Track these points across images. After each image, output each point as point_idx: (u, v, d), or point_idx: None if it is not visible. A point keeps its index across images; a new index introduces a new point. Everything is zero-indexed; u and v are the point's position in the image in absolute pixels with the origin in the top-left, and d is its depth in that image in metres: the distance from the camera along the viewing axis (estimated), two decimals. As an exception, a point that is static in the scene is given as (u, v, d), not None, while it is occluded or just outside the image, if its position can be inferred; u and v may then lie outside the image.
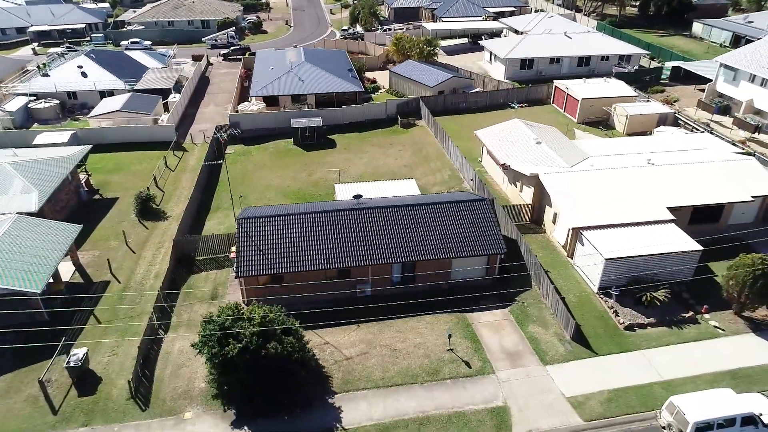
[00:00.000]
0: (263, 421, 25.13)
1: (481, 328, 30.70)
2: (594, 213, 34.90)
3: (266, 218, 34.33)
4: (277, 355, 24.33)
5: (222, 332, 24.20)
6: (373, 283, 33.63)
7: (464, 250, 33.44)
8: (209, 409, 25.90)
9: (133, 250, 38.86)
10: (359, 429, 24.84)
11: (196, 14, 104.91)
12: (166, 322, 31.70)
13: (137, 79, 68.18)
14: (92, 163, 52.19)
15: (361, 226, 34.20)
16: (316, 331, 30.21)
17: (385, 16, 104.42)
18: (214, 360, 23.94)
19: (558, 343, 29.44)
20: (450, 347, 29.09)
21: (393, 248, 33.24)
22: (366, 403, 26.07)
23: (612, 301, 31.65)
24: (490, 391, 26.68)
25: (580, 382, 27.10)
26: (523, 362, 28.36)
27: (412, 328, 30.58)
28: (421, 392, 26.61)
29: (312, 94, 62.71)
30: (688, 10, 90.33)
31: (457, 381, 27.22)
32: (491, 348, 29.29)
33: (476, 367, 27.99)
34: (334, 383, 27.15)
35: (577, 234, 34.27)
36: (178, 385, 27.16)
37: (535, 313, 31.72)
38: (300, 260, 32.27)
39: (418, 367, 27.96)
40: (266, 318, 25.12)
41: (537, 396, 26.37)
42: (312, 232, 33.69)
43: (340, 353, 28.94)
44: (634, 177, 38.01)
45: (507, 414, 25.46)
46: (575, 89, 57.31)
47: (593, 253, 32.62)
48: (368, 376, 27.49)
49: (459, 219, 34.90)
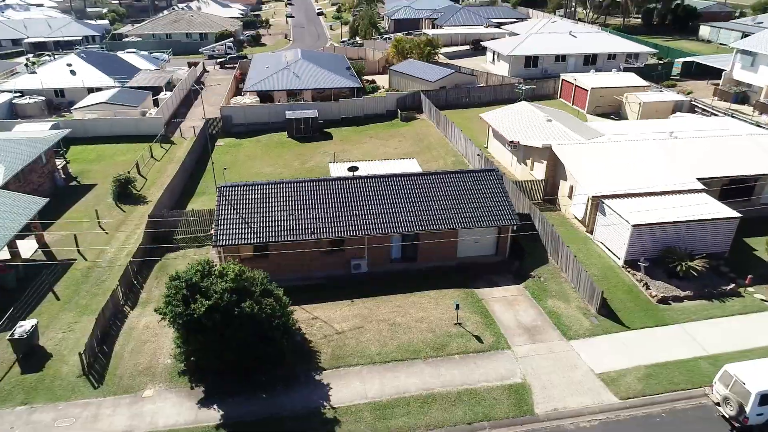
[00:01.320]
0: (236, 400, 21.07)
1: (493, 304, 26.81)
2: (615, 182, 31.38)
3: (250, 186, 30.88)
4: (254, 317, 20.47)
5: (189, 289, 20.40)
6: (369, 259, 29.88)
7: (472, 221, 29.78)
8: (174, 386, 21.87)
9: (106, 231, 35.28)
10: (351, 408, 20.75)
11: (195, 27, 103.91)
12: (133, 299, 27.89)
13: (129, 78, 65.88)
14: (74, 154, 49.31)
15: (356, 194, 30.66)
16: (304, 306, 26.34)
17: (385, 27, 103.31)
18: (177, 321, 20.05)
19: (582, 317, 25.51)
20: (458, 321, 25.17)
21: (392, 218, 29.61)
22: (359, 380, 22.04)
23: (641, 274, 27.80)
24: (506, 367, 22.66)
25: (611, 357, 23.09)
26: (543, 337, 24.40)
27: (413, 303, 26.71)
28: (424, 368, 22.60)
29: (308, 90, 60.08)
30: (692, 18, 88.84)
31: (466, 357, 23.22)
32: (505, 323, 25.36)
33: (489, 342, 24.01)
34: (322, 359, 23.15)
35: (598, 204, 30.65)
36: (139, 362, 23.17)
37: (554, 287, 27.85)
38: (287, 229, 28.62)
39: (420, 341, 24.00)
40: (242, 276, 21.36)
41: (562, 372, 22.33)
42: (301, 200, 30.13)
43: (330, 327, 25.01)
44: (657, 148, 34.64)
45: (527, 392, 21.40)
46: (584, 80, 54.56)
47: (617, 223, 28.96)
48: (362, 351, 23.51)
49: (465, 189, 31.37)
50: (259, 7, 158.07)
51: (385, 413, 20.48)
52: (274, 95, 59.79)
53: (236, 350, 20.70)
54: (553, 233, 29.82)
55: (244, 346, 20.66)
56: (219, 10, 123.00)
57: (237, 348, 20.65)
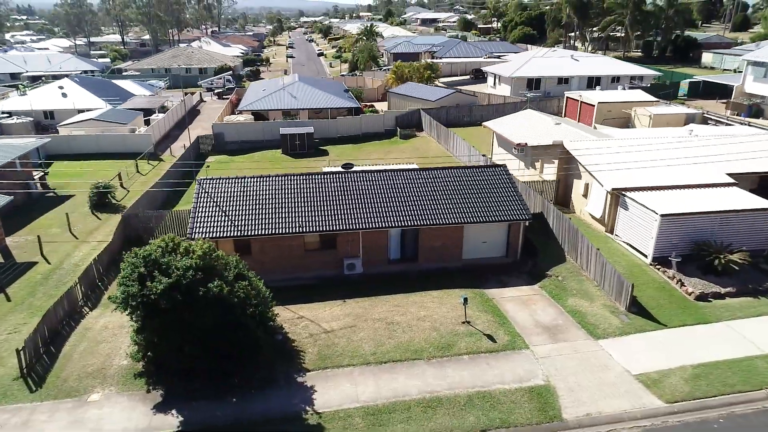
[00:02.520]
0: (201, 405, 17.39)
1: (505, 303, 23.37)
2: (636, 176, 28.51)
3: (233, 179, 28.03)
4: (223, 300, 17.11)
5: (147, 267, 17.12)
6: (365, 259, 26.62)
7: (479, 215, 26.69)
8: (127, 389, 18.21)
9: (77, 236, 32.12)
10: (339, 413, 17.03)
11: (194, 62, 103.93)
12: (95, 300, 24.46)
13: (122, 101, 64.29)
14: (56, 168, 46.73)
15: (350, 188, 27.72)
16: (289, 306, 22.91)
17: (385, 61, 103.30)
18: (130, 304, 16.65)
19: (610, 315, 22.02)
20: (466, 319, 21.67)
21: (389, 213, 26.54)
22: (350, 382, 18.39)
23: (672, 271, 24.46)
24: (524, 368, 19.04)
25: (648, 357, 19.49)
26: (566, 336, 20.86)
27: (414, 302, 23.27)
28: (427, 369, 18.97)
29: (305, 110, 58.21)
30: (692, 49, 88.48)
31: (477, 357, 19.63)
32: (521, 322, 21.86)
33: (503, 342, 20.44)
34: (307, 359, 19.55)
35: (618, 198, 27.63)
36: (90, 363, 19.57)
37: (574, 286, 24.45)
38: (271, 223, 25.52)
39: (422, 340, 20.45)
40: (212, 254, 18.12)
41: (592, 374, 18.70)
42: (289, 194, 27.18)
43: (318, 326, 21.49)
44: (679, 145, 31.99)
45: (552, 395, 17.72)
46: (590, 96, 52.67)
47: (642, 215, 25.86)
48: (354, 351, 19.93)
49: (471, 184, 28.44)
50: (261, 49, 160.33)
51: (380, 419, 16.78)
52: (269, 115, 57.86)
53: (201, 341, 17.20)
54: (570, 228, 26.66)
55: (210, 334, 17.17)
56: (220, 49, 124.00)
57: (202, 338, 17.16)
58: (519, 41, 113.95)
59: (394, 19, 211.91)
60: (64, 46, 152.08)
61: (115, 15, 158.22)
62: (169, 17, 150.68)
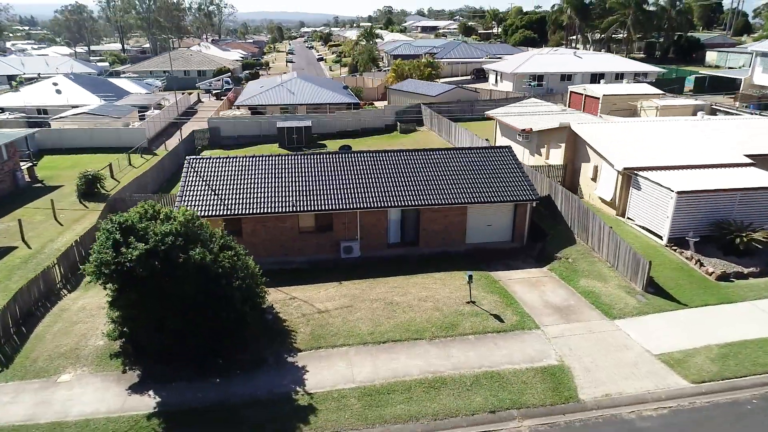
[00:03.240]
0: (180, 386, 15.83)
1: (513, 285, 21.84)
2: (649, 155, 27.15)
3: (224, 158, 26.67)
4: (206, 269, 15.62)
5: (123, 233, 15.63)
6: (363, 242, 25.15)
7: (483, 195, 25.27)
8: (101, 370, 16.66)
9: (61, 223, 30.68)
10: (332, 393, 15.46)
11: (193, 65, 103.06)
12: (75, 282, 22.97)
13: (118, 99, 63.15)
14: (47, 162, 45.41)
15: (347, 167, 26.33)
16: (281, 288, 21.40)
17: (385, 63, 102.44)
18: (103, 273, 15.14)
19: (626, 295, 20.48)
20: (471, 299, 20.14)
21: (388, 192, 25.12)
22: (345, 362, 16.83)
23: (690, 252, 22.94)
24: (535, 348, 17.48)
25: (670, 337, 17.93)
26: (578, 317, 19.31)
27: (415, 284, 21.75)
28: (430, 349, 17.41)
29: (303, 105, 56.99)
30: (696, 49, 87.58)
31: (483, 337, 18.07)
32: (530, 303, 20.32)
33: (511, 322, 18.89)
34: (299, 339, 18.01)
35: (630, 178, 26.17)
36: (63, 343, 18.02)
37: (585, 267, 22.92)
38: (263, 201, 24.09)
39: (424, 320, 18.90)
40: (194, 222, 16.66)
41: (609, 354, 17.13)
42: (283, 173, 25.80)
43: (311, 307, 19.96)
44: (691, 127, 30.63)
45: (567, 375, 16.15)
46: (594, 89, 51.32)
47: (656, 194, 24.40)
48: (350, 330, 18.38)
49: (475, 165, 27.06)
50: (261, 55, 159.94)
51: (378, 400, 15.20)
52: (267, 110, 56.59)
53: (182, 315, 15.67)
54: (580, 208, 25.19)
55: (192, 308, 15.65)
56: (219, 53, 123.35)
57: (183, 312, 15.64)
58: (520, 44, 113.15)
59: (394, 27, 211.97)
60: (65, 53, 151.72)
61: (115, 21, 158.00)
62: (169, 23, 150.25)
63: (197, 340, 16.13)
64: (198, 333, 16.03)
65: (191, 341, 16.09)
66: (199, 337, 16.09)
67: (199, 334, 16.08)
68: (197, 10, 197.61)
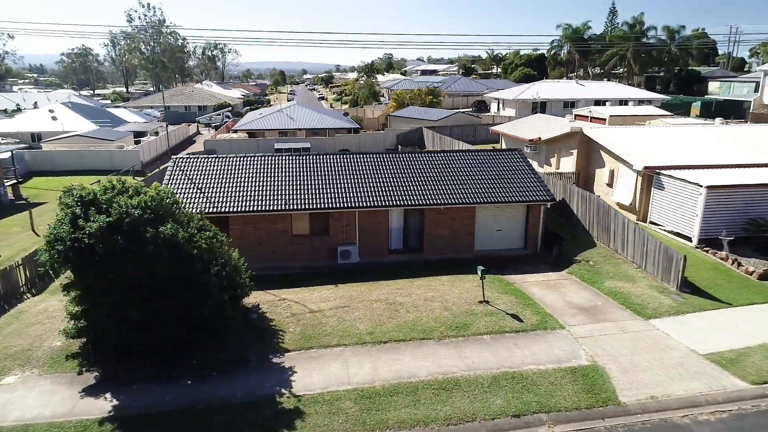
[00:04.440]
0: (145, 388, 13.34)
1: (529, 287, 19.49)
2: (670, 154, 25.33)
3: (213, 157, 24.83)
4: (179, 248, 13.41)
5: (83, 206, 13.53)
6: (362, 249, 22.96)
7: (492, 195, 23.26)
8: (53, 372, 14.18)
9: (38, 234, 28.53)
10: (324, 396, 12.94)
11: (194, 100, 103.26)
12: (41, 287, 20.64)
13: (114, 126, 62.14)
14: (35, 182, 43.73)
15: (345, 168, 24.46)
16: (270, 291, 19.05)
17: (385, 98, 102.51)
18: (57, 251, 12.93)
19: (659, 294, 18.12)
20: (484, 299, 17.77)
21: (389, 191, 23.14)
22: (340, 363, 14.35)
23: (724, 252, 20.69)
24: (562, 348, 15.03)
25: (717, 336, 15.51)
26: (608, 317, 16.90)
27: (420, 286, 19.41)
28: (439, 350, 14.96)
29: (302, 129, 55.72)
30: (696, 82, 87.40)
31: (501, 337, 15.63)
32: (550, 304, 17.95)
33: (531, 321, 16.48)
34: (287, 338, 15.57)
35: (652, 178, 24.21)
36: (14, 344, 15.57)
37: (609, 269, 20.62)
38: (253, 199, 22.08)
39: (432, 320, 16.50)
40: (169, 199, 14.57)
41: (649, 354, 14.67)
42: (276, 172, 23.92)
43: (303, 306, 17.58)
44: (710, 132, 28.94)
45: (602, 376, 13.66)
46: (600, 110, 50.14)
47: (683, 192, 22.37)
48: (347, 330, 15.96)
49: (484, 165, 25.22)
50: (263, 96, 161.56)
51: (378, 402, 12.68)
52: (265, 134, 55.32)
53: (148, 301, 13.34)
54: (600, 207, 23.10)
55: (161, 295, 13.34)
56: (221, 91, 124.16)
57: (149, 297, 13.32)
58: (520, 81, 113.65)
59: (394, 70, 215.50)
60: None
61: (120, 63, 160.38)
62: (172, 65, 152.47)
63: (166, 334, 13.72)
64: (167, 325, 13.65)
65: (159, 335, 13.68)
66: (168, 329, 13.70)
67: (168, 327, 13.69)
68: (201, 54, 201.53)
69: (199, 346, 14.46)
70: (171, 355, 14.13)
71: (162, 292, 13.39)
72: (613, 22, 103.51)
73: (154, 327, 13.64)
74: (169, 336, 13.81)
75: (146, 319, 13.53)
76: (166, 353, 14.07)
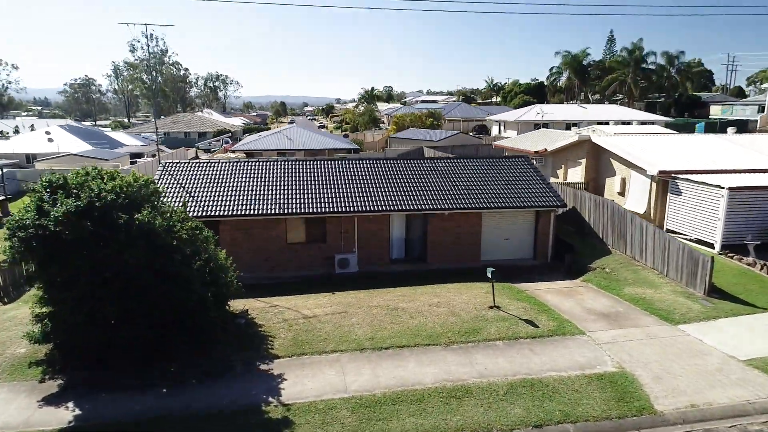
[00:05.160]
0: (116, 397, 11.72)
1: (543, 294, 17.98)
2: (685, 159, 24.15)
3: (204, 162, 23.68)
4: (155, 237, 12.01)
5: (51, 193, 12.20)
6: (361, 258, 21.54)
7: (499, 201, 21.96)
8: (12, 380, 12.56)
9: (21, 246, 27.07)
10: (317, 404, 11.32)
11: (194, 127, 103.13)
12: (15, 295, 19.11)
13: (111, 148, 61.37)
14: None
15: (345, 173, 23.26)
16: (262, 299, 17.53)
17: (385, 123, 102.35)
18: (18, 236, 11.52)
19: (685, 300, 16.60)
20: (494, 304, 16.24)
21: (391, 195, 21.85)
22: (335, 370, 12.76)
23: (750, 258, 19.24)
24: (584, 354, 13.44)
25: (756, 341, 13.96)
26: (632, 323, 15.36)
27: (424, 293, 17.89)
28: (447, 356, 13.38)
29: (301, 150, 54.82)
30: (697, 107, 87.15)
31: (515, 343, 14.06)
32: (567, 310, 16.42)
33: (548, 327, 14.92)
34: (277, 344, 13.98)
35: (667, 184, 22.94)
36: (-27, 352, 14.00)
37: (628, 276, 19.13)
38: (245, 203, 20.77)
39: (438, 325, 14.94)
40: (148, 187, 13.23)
41: (683, 360, 13.08)
42: (270, 177, 22.71)
43: (296, 312, 16.03)
44: (723, 140, 27.88)
45: (632, 383, 12.06)
46: (604, 129, 49.21)
47: (702, 196, 21.06)
48: (343, 336, 14.39)
49: (490, 171, 24.05)
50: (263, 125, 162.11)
51: (379, 412, 11.06)
52: (263, 155, 54.37)
53: (121, 298, 11.85)
54: (614, 212, 21.76)
55: (134, 287, 11.86)
56: (221, 118, 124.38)
57: (122, 292, 11.84)
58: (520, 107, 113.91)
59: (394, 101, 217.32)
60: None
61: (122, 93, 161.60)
62: (174, 94, 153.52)
63: (140, 334, 12.18)
64: (142, 324, 12.12)
65: (133, 335, 12.14)
66: (143, 329, 12.17)
67: (143, 326, 12.16)
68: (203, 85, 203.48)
69: (178, 350, 12.89)
70: (146, 360, 12.55)
71: (136, 287, 11.91)
72: (612, 49, 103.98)
73: (127, 327, 12.11)
74: (144, 337, 12.26)
75: (118, 318, 12.02)
76: (140, 358, 12.49)
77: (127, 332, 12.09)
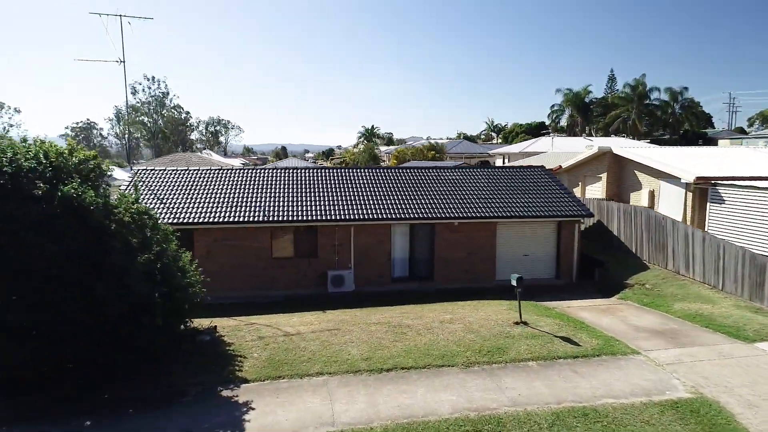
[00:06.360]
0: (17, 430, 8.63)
1: (576, 312, 14.95)
2: (722, 168, 21.57)
3: (183, 170, 21.17)
4: (86, 215, 9.20)
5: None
6: (358, 275, 18.65)
7: (516, 210, 19.24)
8: None
9: None
10: (292, 441, 8.21)
11: (193, 166, 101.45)
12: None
13: (100, 181, 59.24)
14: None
15: (341, 181, 20.67)
16: (238, 317, 14.52)
17: (386, 161, 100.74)
18: None
19: (753, 315, 13.58)
20: (522, 320, 13.20)
21: (392, 203, 19.17)
22: (320, 396, 9.65)
23: (819, 270, 16.29)
24: (645, 377, 10.36)
25: None
26: (696, 341, 12.29)
27: (432, 310, 14.88)
28: (467, 379, 10.29)
29: (298, 181, 52.61)
30: (705, 143, 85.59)
31: (553, 363, 10.98)
32: (609, 327, 13.37)
33: (591, 345, 11.85)
34: (247, 365, 10.89)
35: (707, 191, 20.20)
36: None
37: (674, 291, 16.14)
38: (225, 210, 18.06)
39: (453, 343, 11.88)
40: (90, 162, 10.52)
41: (775, 383, 10.01)
42: (254, 185, 20.13)
43: (275, 330, 12.98)
44: (760, 151, 25.41)
45: (720, 412, 8.97)
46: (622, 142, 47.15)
47: (751, 203, 18.29)
48: (333, 356, 11.31)
49: (504, 180, 21.58)
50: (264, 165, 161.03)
51: (378, 452, 7.93)
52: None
53: (35, 296, 8.92)
54: (650, 220, 18.94)
55: (54, 283, 8.95)
56: (221, 159, 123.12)
57: (37, 290, 8.91)
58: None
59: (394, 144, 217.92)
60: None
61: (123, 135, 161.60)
62: (174, 136, 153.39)
63: (65, 348, 9.17)
64: (65, 334, 9.12)
65: (50, 352, 9.12)
66: (67, 341, 9.16)
67: (67, 337, 9.16)
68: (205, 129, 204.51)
69: (113, 371, 9.84)
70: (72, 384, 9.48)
71: (58, 283, 9.00)
72: (613, 88, 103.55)
73: (46, 339, 9.11)
74: (68, 352, 9.24)
75: (30, 325, 9.04)
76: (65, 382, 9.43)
77: (44, 348, 9.09)
